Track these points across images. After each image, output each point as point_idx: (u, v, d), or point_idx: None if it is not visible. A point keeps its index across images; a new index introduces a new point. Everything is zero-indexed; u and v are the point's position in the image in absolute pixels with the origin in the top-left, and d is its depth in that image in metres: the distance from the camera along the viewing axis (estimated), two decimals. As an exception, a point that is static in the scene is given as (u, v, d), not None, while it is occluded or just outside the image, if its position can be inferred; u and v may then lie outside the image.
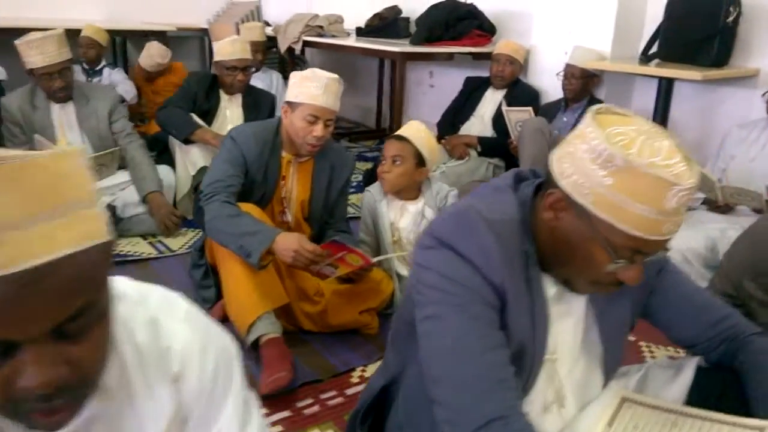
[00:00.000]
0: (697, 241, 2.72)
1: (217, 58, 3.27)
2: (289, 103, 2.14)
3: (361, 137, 5.35)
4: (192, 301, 0.87)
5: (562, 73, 3.54)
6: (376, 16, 4.94)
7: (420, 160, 2.26)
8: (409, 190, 2.32)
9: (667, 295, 1.20)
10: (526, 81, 4.00)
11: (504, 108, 3.60)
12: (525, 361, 1.06)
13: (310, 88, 2.10)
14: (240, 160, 2.10)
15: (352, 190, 2.74)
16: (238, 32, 4.45)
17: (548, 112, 3.69)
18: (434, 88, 5.15)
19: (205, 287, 2.28)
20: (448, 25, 4.08)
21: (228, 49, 3.22)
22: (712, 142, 3.39)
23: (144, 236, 2.97)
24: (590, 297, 1.14)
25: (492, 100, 3.91)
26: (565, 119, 3.59)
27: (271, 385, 1.77)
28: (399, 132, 2.33)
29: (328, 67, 6.55)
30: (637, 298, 1.18)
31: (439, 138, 4.00)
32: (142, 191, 2.96)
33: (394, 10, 4.90)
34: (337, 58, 5.90)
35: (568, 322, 1.15)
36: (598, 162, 0.94)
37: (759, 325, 1.39)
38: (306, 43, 4.56)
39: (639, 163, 0.91)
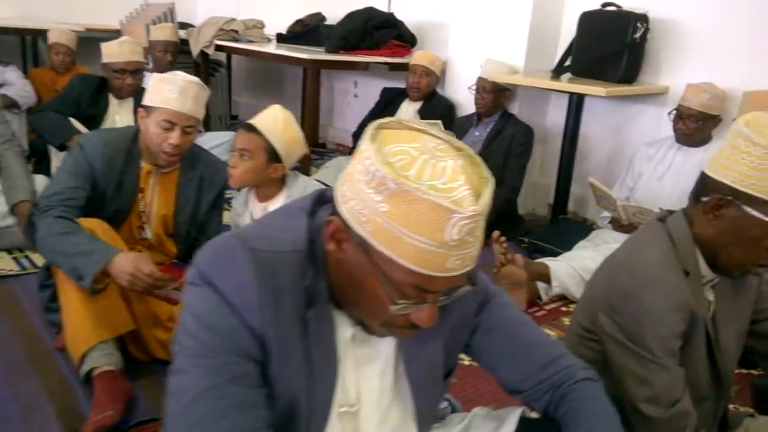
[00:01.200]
0: (595, 261, 2.62)
1: (104, 60, 3.04)
2: (145, 108, 1.95)
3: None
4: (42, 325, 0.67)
5: (474, 87, 3.44)
6: (298, 22, 4.78)
7: (273, 155, 1.99)
8: (266, 189, 2.07)
9: (491, 334, 1.05)
10: (443, 93, 3.90)
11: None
12: (300, 419, 0.89)
13: (165, 92, 1.92)
14: (86, 171, 1.89)
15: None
16: (149, 33, 4.21)
17: (462, 125, 3.58)
18: (359, 98, 5.01)
19: (53, 310, 2.05)
20: (365, 33, 3.94)
21: (115, 50, 3.01)
22: (623, 159, 3.33)
23: (10, 250, 2.71)
24: (399, 339, 0.99)
25: (408, 112, 3.78)
26: (477, 133, 3.48)
27: (94, 425, 1.56)
28: (251, 121, 2.03)
29: (252, 74, 6.51)
30: (454, 338, 1.03)
31: (353, 149, 3.86)
32: (11, 201, 2.70)
33: (318, 17, 4.75)
34: (263, 66, 5.71)
35: (373, 368, 0.99)
36: (372, 185, 0.79)
37: (612, 368, 1.27)
38: (219, 48, 4.35)
39: (412, 187, 0.76)
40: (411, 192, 0.76)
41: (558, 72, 3.21)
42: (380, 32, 3.97)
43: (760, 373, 2.10)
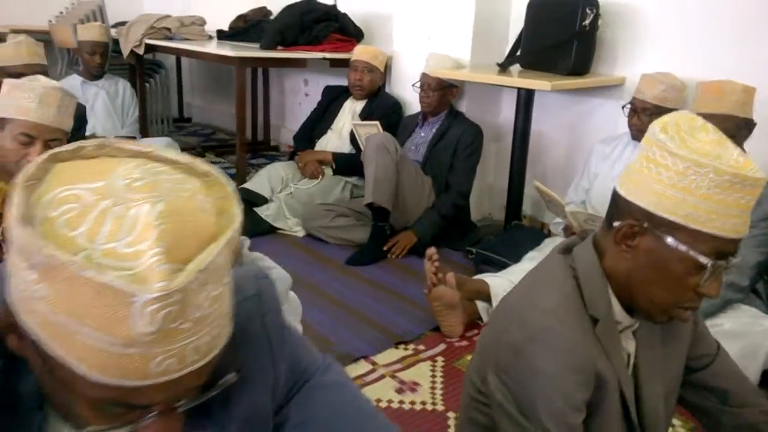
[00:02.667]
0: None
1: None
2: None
3: (232, 150, 4.83)
4: None
5: (418, 84, 3.16)
6: (240, 17, 4.49)
7: None
8: None
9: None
10: (390, 90, 3.62)
11: (352, 122, 3.19)
12: None
13: (21, 100, 1.64)
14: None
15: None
16: (76, 34, 3.89)
17: (407, 126, 3.31)
18: (310, 96, 4.71)
19: None
20: (303, 27, 3.65)
21: (10, 52, 2.70)
22: (581, 157, 3.06)
23: None
24: None
25: (351, 111, 3.50)
26: (422, 134, 3.20)
27: None
28: None
29: (204, 75, 6.19)
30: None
31: (293, 154, 3.57)
32: None
33: (262, 12, 4.45)
34: (215, 66, 5.41)
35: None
36: (23, 255, 0.52)
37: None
38: (151, 47, 4.04)
39: (66, 260, 0.49)
40: (66, 267, 0.49)
41: (505, 65, 2.93)
42: (320, 26, 3.68)
43: None
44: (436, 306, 2.16)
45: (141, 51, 3.99)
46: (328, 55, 3.61)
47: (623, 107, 2.65)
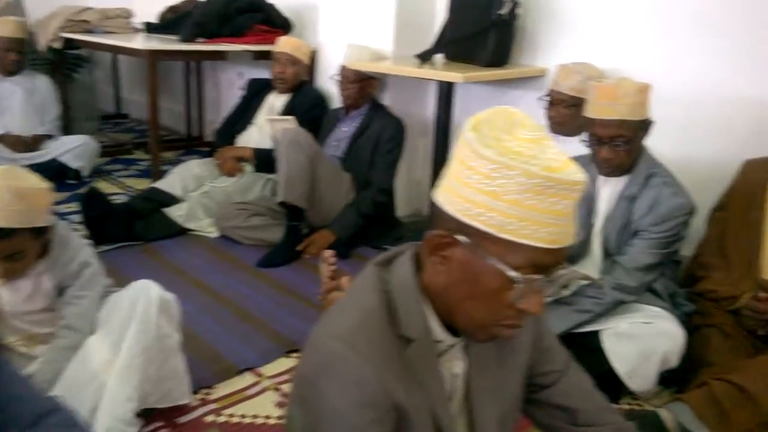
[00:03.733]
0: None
1: None
2: None
3: (165, 147, 4.66)
4: None
5: (337, 76, 3.04)
6: (171, 9, 4.32)
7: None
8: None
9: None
10: (317, 84, 3.49)
11: (266, 117, 3.06)
12: None
13: None
14: None
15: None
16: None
17: (331, 120, 3.19)
18: (244, 91, 4.55)
19: None
20: (225, 18, 3.50)
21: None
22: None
23: None
24: None
25: (276, 106, 3.36)
26: (344, 129, 3.09)
27: None
28: None
29: (135, 70, 5.96)
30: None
31: (211, 151, 3.43)
32: None
33: (192, 2, 4.27)
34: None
35: None
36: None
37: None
38: (70, 41, 3.85)
39: None
40: None
41: (424, 57, 2.81)
42: (244, 17, 3.54)
43: None
44: (334, 311, 2.05)
45: (58, 45, 3.80)
46: (250, 48, 3.47)
47: (539, 99, 2.57)
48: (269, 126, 3.05)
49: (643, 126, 1.94)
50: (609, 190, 2.07)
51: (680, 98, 2.46)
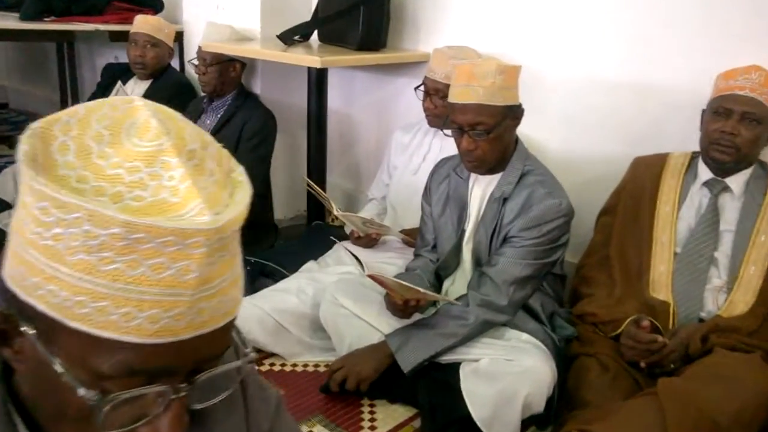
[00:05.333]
0: (300, 299, 1.91)
1: None
2: None
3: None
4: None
5: (195, 60, 2.64)
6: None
7: None
8: None
9: None
10: (183, 71, 3.08)
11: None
12: None
13: None
14: None
15: None
16: None
17: (194, 110, 2.78)
18: (123, 78, 4.08)
19: None
20: (74, -6, 3.03)
21: None
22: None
23: None
24: None
25: (135, 93, 2.92)
26: (208, 121, 2.68)
27: None
28: None
29: (20, 55, 5.34)
30: None
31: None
32: None
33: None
34: (29, 45, 4.67)
35: None
36: None
37: None
38: None
39: None
40: None
41: (287, 37, 2.43)
42: (97, -7, 3.08)
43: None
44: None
45: None
46: (102, 27, 3.02)
47: (416, 89, 2.24)
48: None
49: (510, 113, 1.63)
50: (480, 191, 1.76)
51: (571, 86, 2.17)
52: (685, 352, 1.47)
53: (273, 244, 2.65)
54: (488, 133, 1.60)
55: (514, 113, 1.64)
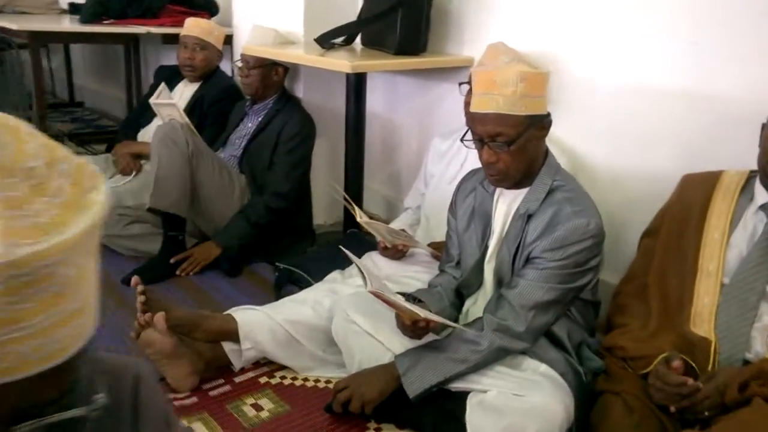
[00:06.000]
0: (316, 311, 1.85)
1: None
2: None
3: (103, 139, 4.28)
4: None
5: (239, 62, 2.63)
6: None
7: None
8: None
9: None
10: (229, 72, 3.09)
11: (152, 100, 2.66)
12: None
13: None
14: None
15: None
16: None
17: (238, 114, 2.78)
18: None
19: None
20: (132, -2, 3.11)
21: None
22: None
23: None
24: None
25: (183, 96, 2.96)
26: (249, 125, 2.68)
27: None
28: None
29: (93, 55, 5.56)
30: None
31: (110, 145, 3.06)
32: None
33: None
34: (102, 45, 4.86)
35: None
36: None
37: None
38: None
39: None
40: None
41: (324, 41, 2.37)
42: (152, -4, 3.15)
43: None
44: (151, 356, 1.65)
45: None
46: (155, 30, 3.07)
47: (461, 84, 2.13)
48: (156, 112, 2.66)
49: (534, 123, 1.50)
50: (505, 206, 1.64)
51: (619, 94, 2.00)
52: (721, 399, 1.30)
53: (305, 250, 2.61)
54: (509, 145, 1.48)
55: (539, 123, 1.51)
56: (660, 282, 1.59)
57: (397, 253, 2.08)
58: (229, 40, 3.06)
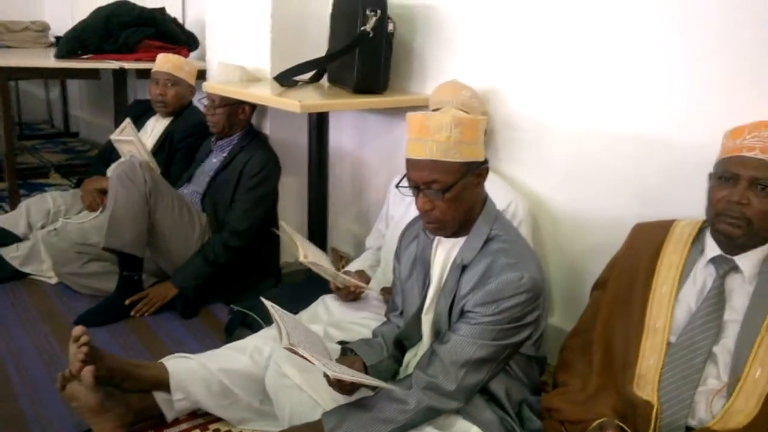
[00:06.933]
0: (254, 360, 1.77)
1: None
2: None
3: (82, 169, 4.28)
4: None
5: (205, 100, 2.60)
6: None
7: None
8: None
9: None
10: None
11: (112, 137, 2.64)
12: None
13: None
14: None
15: None
16: None
17: (204, 150, 2.75)
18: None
19: None
20: (107, 33, 3.12)
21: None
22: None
23: None
24: None
25: (155, 131, 2.95)
26: (213, 161, 2.64)
27: None
28: None
29: (90, 87, 5.62)
30: None
31: (80, 181, 3.03)
32: None
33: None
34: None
35: None
36: None
37: None
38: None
39: None
40: None
41: (283, 78, 2.32)
42: (129, 31, 3.15)
43: None
44: (75, 407, 1.59)
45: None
46: (127, 65, 3.07)
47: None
48: (117, 148, 2.64)
49: (470, 170, 1.43)
50: (444, 255, 1.56)
51: (575, 138, 1.93)
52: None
53: (272, 288, 2.54)
54: (444, 192, 1.42)
55: (475, 170, 1.44)
56: (605, 338, 1.50)
57: (350, 294, 2.01)
58: (202, 75, 3.05)
